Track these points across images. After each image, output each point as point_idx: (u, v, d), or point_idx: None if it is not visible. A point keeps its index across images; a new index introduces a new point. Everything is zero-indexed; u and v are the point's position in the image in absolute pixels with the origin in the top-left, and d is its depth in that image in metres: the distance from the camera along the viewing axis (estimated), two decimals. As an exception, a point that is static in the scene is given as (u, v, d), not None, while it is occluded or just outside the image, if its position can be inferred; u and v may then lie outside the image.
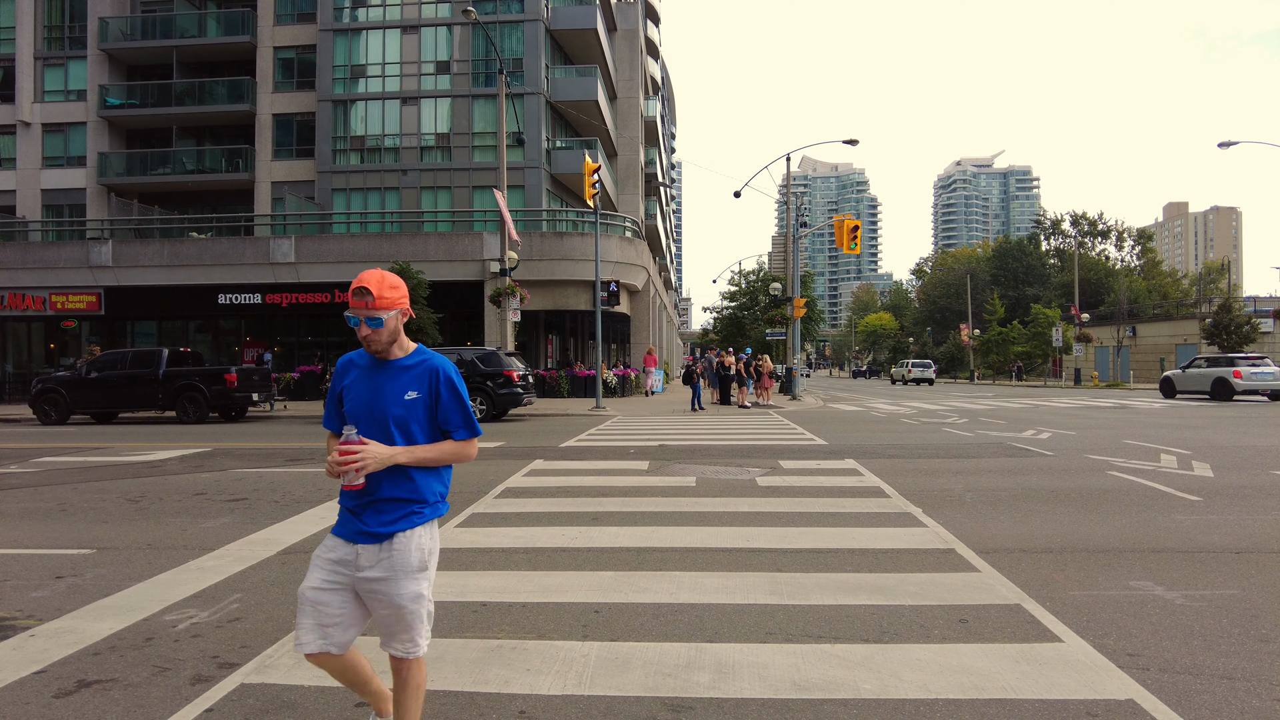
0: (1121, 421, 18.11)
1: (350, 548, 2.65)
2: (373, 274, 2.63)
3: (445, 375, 2.72)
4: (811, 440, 14.16)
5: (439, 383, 2.71)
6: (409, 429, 2.67)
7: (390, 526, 2.64)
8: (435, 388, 2.70)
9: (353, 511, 2.67)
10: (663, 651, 3.90)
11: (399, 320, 2.68)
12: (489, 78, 34.62)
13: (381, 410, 2.64)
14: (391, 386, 2.67)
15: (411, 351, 2.75)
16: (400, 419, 2.65)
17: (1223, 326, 38.43)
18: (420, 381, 2.70)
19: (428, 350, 2.78)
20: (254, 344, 32.24)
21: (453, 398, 2.72)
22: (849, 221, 28.88)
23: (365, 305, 2.61)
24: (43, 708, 3.37)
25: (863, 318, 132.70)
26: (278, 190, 36.26)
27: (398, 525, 2.64)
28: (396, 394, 2.66)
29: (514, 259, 24.46)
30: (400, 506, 2.66)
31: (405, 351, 2.74)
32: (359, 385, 2.71)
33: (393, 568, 2.62)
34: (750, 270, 57.85)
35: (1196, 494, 8.26)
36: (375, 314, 2.60)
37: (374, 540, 2.63)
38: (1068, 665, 3.69)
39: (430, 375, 2.70)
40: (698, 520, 7.02)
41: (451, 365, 2.76)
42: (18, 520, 7.59)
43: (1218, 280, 78.16)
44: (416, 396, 2.68)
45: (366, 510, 2.65)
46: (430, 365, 2.72)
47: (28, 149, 37.47)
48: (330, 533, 2.74)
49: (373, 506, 2.65)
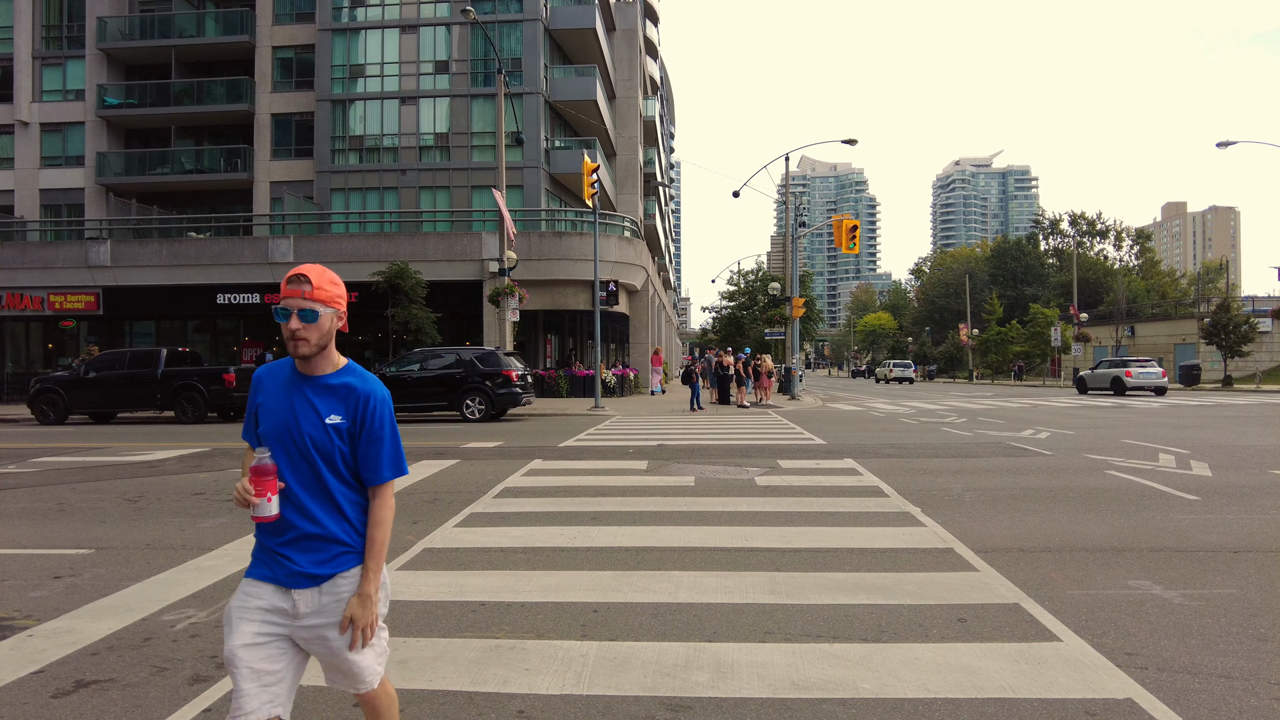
0: (1120, 421, 18.13)
1: (283, 593, 2.27)
2: (312, 266, 2.32)
3: (375, 401, 2.32)
4: (810, 440, 14.17)
5: (366, 410, 2.31)
6: (334, 461, 2.29)
7: (327, 566, 2.28)
8: (361, 415, 2.30)
9: (276, 551, 2.28)
10: (661, 651, 3.90)
11: (334, 323, 2.32)
12: (488, 77, 34.62)
13: (300, 434, 2.27)
14: (312, 406, 2.29)
15: (341, 367, 2.36)
16: (323, 446, 2.27)
17: (1221, 326, 38.45)
18: (345, 404, 2.30)
19: (359, 368, 2.39)
20: (252, 344, 32.21)
21: (381, 430, 2.32)
22: (848, 221, 28.90)
23: (300, 295, 2.27)
24: (41, 708, 3.37)
25: (861, 317, 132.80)
26: (276, 190, 36.25)
27: (335, 565, 2.29)
28: (319, 416, 2.28)
29: (513, 259, 24.45)
30: (334, 544, 2.30)
31: (333, 368, 2.35)
32: (276, 402, 2.33)
33: (337, 612, 2.29)
34: (749, 270, 57.97)
35: (1195, 493, 8.27)
36: (310, 305, 2.25)
37: (311, 582, 2.27)
38: (1066, 664, 3.70)
39: (357, 399, 2.31)
40: (696, 520, 7.03)
41: (385, 390, 2.38)
42: (16, 520, 7.58)
43: (1216, 280, 78.21)
44: (339, 422, 2.28)
45: (293, 549, 2.27)
46: (360, 387, 2.32)
47: (26, 149, 37.43)
48: (247, 576, 2.33)
49: (300, 543, 2.28)
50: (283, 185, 36.23)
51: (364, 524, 2.35)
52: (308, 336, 2.26)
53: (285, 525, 2.27)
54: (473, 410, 19.36)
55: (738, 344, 45.19)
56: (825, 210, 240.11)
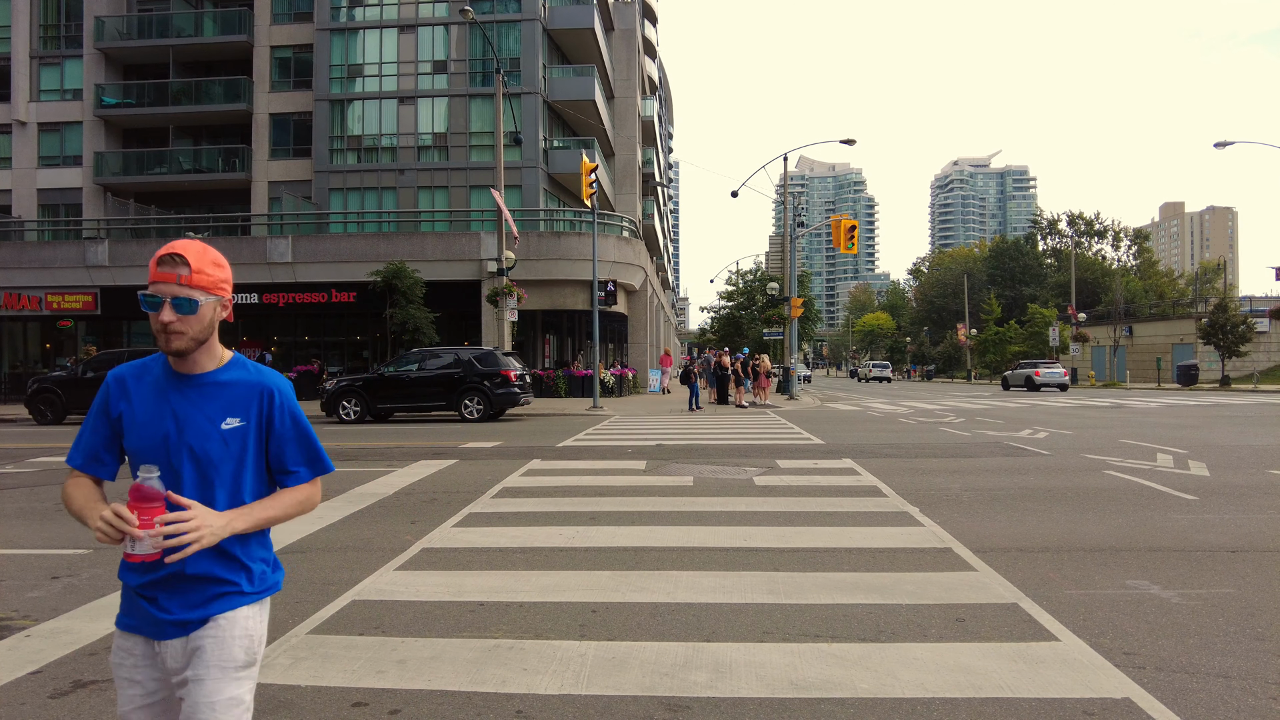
0: (1118, 421, 18.15)
1: (151, 646, 1.89)
2: (191, 242, 1.88)
3: (281, 396, 1.98)
4: (809, 440, 14.18)
5: (271, 406, 1.96)
6: (238, 474, 1.93)
7: (201, 610, 1.88)
8: (267, 413, 1.96)
9: (143, 593, 1.88)
10: (660, 651, 3.90)
11: (216, 313, 1.92)
12: (486, 77, 34.60)
13: (184, 447, 1.87)
14: (202, 410, 1.90)
15: (227, 362, 1.97)
16: (216, 458, 1.89)
17: (1219, 326, 38.51)
18: (244, 404, 1.94)
19: (248, 360, 2.02)
20: (251, 344, 32.16)
21: (293, 426, 1.99)
22: (846, 221, 28.91)
23: (175, 279, 1.83)
24: (38, 708, 3.36)
25: (860, 317, 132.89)
26: (274, 190, 36.21)
27: (212, 607, 1.89)
28: (210, 421, 1.90)
29: (511, 259, 24.44)
30: (212, 584, 1.89)
31: (218, 362, 1.95)
32: (148, 409, 1.90)
33: (205, 664, 1.86)
34: (747, 270, 57.92)
35: (1193, 493, 8.28)
36: (188, 293, 1.83)
37: (180, 631, 1.87)
38: (1064, 664, 3.70)
39: (259, 396, 1.96)
40: (695, 520, 7.03)
41: (287, 381, 2.04)
42: (14, 520, 7.57)
43: (1214, 280, 78.35)
44: (240, 425, 1.92)
45: (163, 590, 1.87)
46: (258, 382, 1.97)
47: (23, 148, 37.37)
48: (117, 628, 1.93)
49: (172, 584, 1.87)
50: (281, 185, 36.20)
51: (257, 555, 1.98)
52: (184, 330, 1.85)
53: (152, 564, 1.82)
54: (471, 410, 19.35)
55: (736, 344, 45.22)
56: (824, 210, 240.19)
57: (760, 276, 52.53)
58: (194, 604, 1.88)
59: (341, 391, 19.52)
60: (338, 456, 12.16)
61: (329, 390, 19.71)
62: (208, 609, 1.89)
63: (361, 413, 19.37)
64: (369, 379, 19.84)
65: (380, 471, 10.29)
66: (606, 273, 29.58)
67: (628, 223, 35.50)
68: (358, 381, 19.82)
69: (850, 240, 28.56)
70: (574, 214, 34.43)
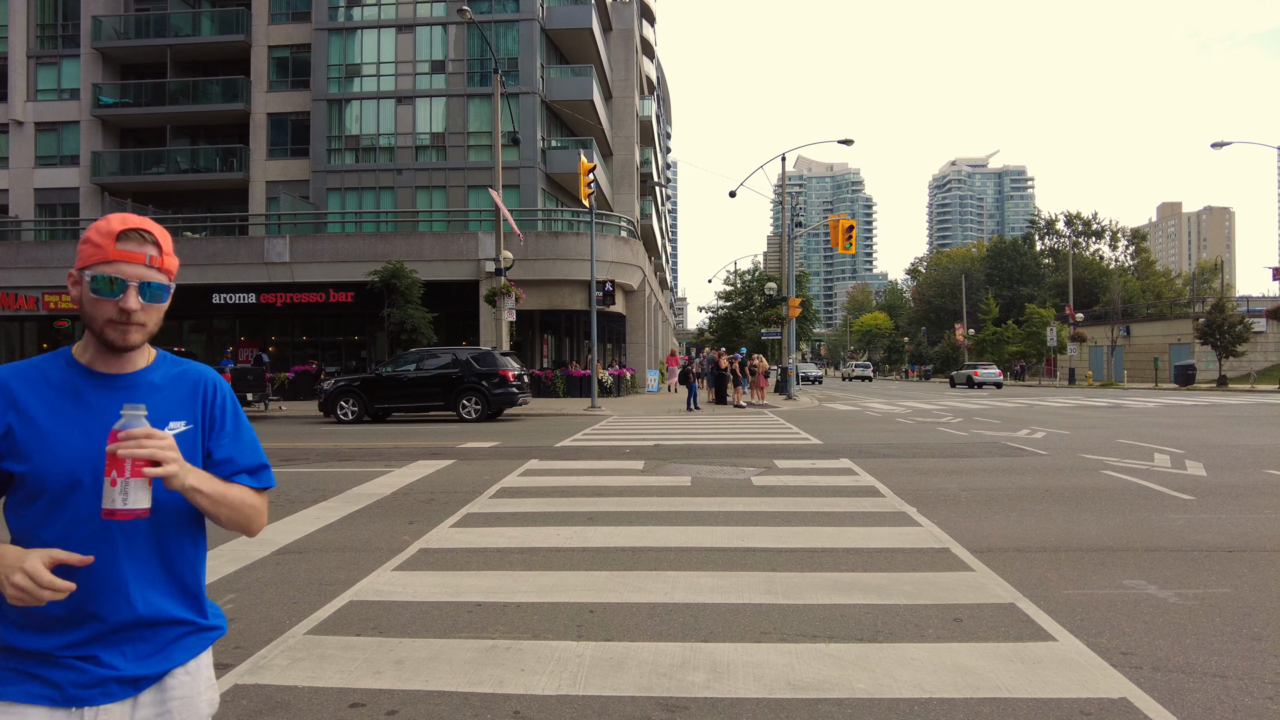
0: (1116, 421, 18.17)
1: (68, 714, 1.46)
2: (147, 219, 1.56)
3: (222, 391, 1.67)
4: (807, 440, 14.18)
5: (213, 403, 1.64)
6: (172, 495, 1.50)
7: (160, 660, 1.53)
8: (210, 411, 1.63)
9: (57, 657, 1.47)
10: (657, 651, 3.90)
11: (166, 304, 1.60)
12: (484, 77, 34.58)
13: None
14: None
15: (154, 359, 1.63)
16: None
17: (1216, 326, 38.56)
18: (186, 403, 1.60)
19: (168, 353, 1.68)
20: (248, 344, 32.13)
21: (237, 426, 1.66)
22: (844, 221, 28.94)
23: (145, 260, 1.51)
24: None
25: (858, 317, 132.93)
26: (272, 190, 36.16)
27: (173, 655, 1.55)
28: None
29: (509, 258, 24.43)
30: (165, 627, 1.54)
31: (148, 357, 1.62)
32: (59, 420, 1.51)
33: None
34: (746, 270, 57.98)
35: (1190, 493, 8.29)
36: (160, 278, 1.54)
37: (131, 690, 1.50)
38: (1062, 664, 3.70)
39: (200, 391, 1.63)
40: (693, 520, 7.03)
41: (219, 376, 1.71)
42: (10, 521, 7.54)
43: (1211, 280, 78.53)
44: (187, 429, 1.58)
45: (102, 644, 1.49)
46: (196, 376, 1.65)
47: (20, 148, 37.30)
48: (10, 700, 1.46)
49: (112, 637, 1.49)
50: (278, 185, 36.15)
51: (201, 584, 1.63)
52: (145, 322, 1.53)
53: (83, 615, 1.47)
54: (469, 410, 19.34)
55: (734, 344, 45.23)
56: (822, 210, 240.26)
57: (758, 276, 52.56)
58: (145, 654, 1.51)
59: (339, 391, 19.50)
60: (336, 456, 12.16)
61: (327, 390, 19.69)
62: (167, 659, 1.53)
63: (359, 413, 19.35)
64: (367, 379, 19.82)
65: (378, 472, 10.28)
66: (605, 273, 29.58)
67: (626, 223, 35.49)
68: (355, 381, 19.80)
69: (848, 240, 28.58)
70: (572, 214, 34.42)
